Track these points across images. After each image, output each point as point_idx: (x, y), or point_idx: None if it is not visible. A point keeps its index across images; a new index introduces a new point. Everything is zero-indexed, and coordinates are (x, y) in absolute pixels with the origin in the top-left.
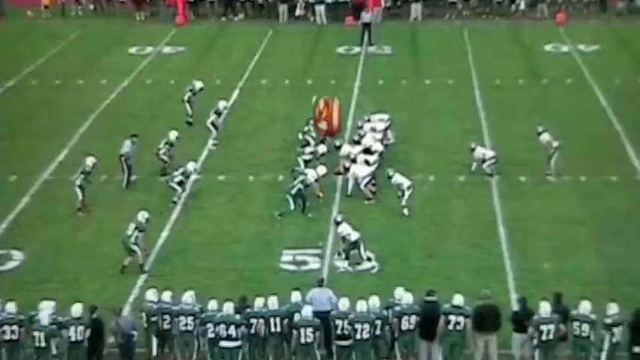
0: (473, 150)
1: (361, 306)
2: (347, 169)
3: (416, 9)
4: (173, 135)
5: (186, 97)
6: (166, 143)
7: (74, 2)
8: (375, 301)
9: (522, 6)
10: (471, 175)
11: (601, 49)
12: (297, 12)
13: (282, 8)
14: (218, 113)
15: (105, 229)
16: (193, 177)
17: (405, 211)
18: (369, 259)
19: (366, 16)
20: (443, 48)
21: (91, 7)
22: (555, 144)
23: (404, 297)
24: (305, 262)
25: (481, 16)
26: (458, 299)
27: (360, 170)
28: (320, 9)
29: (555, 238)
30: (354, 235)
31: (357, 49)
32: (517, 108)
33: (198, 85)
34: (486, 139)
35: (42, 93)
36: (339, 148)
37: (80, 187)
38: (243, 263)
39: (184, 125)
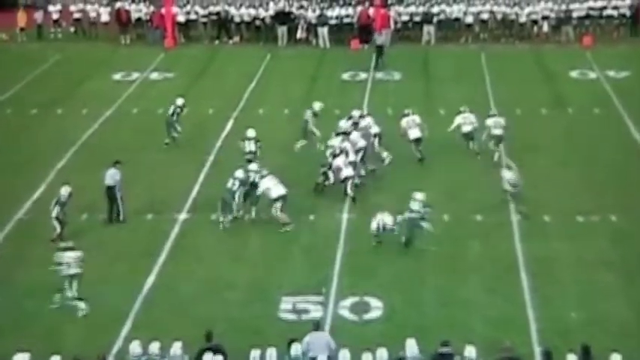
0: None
1: (367, 359)
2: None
3: (428, 31)
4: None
5: (173, 116)
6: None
7: (53, 24)
8: (382, 354)
9: (545, 28)
10: (490, 213)
11: (631, 75)
12: (298, 34)
13: (282, 30)
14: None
15: (87, 272)
16: (182, 216)
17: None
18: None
19: (380, 38)
20: (458, 74)
21: (72, 29)
22: (498, 132)
23: (414, 349)
24: (306, 311)
25: (500, 40)
26: (470, 351)
27: (344, 167)
28: (323, 31)
29: (582, 284)
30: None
31: (363, 76)
32: (540, 140)
33: (180, 102)
34: (505, 175)
35: (17, 123)
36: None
37: (57, 218)
38: (237, 311)
39: (171, 158)
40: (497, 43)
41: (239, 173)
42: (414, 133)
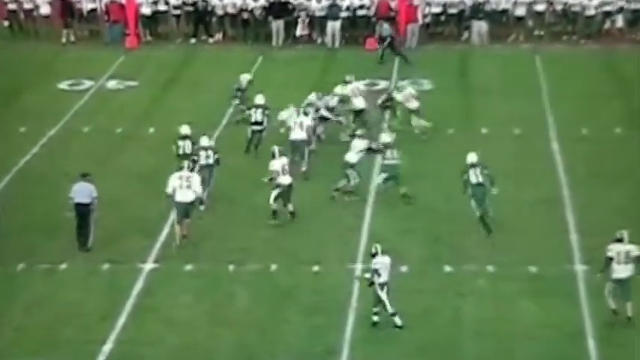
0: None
1: None
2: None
3: (479, 30)
4: None
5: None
6: None
7: None
8: None
9: (620, 23)
10: (547, 265)
11: None
12: (299, 31)
13: (277, 25)
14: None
15: (25, 338)
16: (148, 266)
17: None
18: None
19: (386, 29)
20: (506, 82)
21: (5, 23)
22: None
23: None
24: None
25: (560, 38)
26: None
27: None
28: (333, 27)
29: None
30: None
31: (383, 85)
32: (612, 168)
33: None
34: (569, 212)
35: None
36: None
37: None
38: None
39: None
40: (556, 42)
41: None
42: (359, 103)
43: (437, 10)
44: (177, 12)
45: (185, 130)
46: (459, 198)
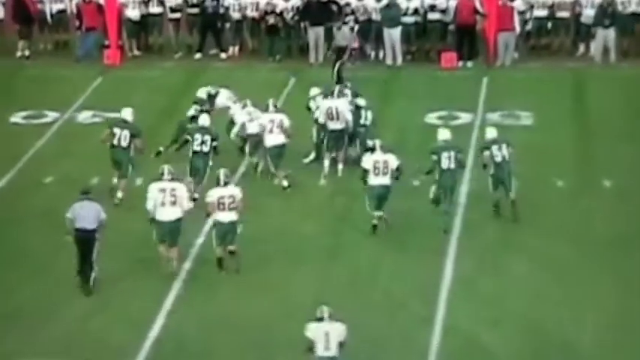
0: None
1: None
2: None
3: (605, 40)
4: None
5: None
6: None
7: None
8: None
9: None
10: None
11: None
12: (342, 40)
13: (316, 34)
14: None
15: None
16: None
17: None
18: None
19: (343, 35)
20: (638, 116)
21: None
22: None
23: None
24: None
25: None
26: None
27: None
28: (392, 36)
29: None
30: None
31: (465, 117)
32: None
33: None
34: None
35: None
36: None
37: None
38: None
39: None
40: None
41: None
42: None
43: (542, 13)
44: (177, 15)
45: (127, 114)
46: (569, 279)
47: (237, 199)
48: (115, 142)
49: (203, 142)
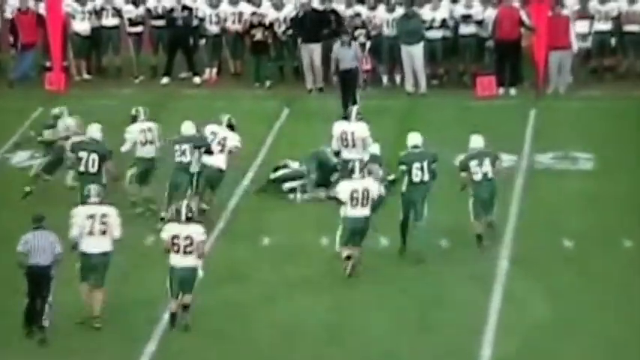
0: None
1: None
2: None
3: None
4: None
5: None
6: None
7: None
8: None
9: None
10: None
11: None
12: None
13: (312, 50)
14: None
15: None
16: None
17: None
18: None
19: (347, 54)
20: None
21: None
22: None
23: None
24: None
25: None
26: None
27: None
28: (414, 54)
29: None
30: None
31: (508, 159)
32: None
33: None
34: None
35: None
36: None
37: None
38: None
39: None
40: None
41: None
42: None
43: (604, 26)
44: (138, 29)
45: (94, 132)
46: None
47: (195, 240)
48: (82, 168)
49: (183, 153)
